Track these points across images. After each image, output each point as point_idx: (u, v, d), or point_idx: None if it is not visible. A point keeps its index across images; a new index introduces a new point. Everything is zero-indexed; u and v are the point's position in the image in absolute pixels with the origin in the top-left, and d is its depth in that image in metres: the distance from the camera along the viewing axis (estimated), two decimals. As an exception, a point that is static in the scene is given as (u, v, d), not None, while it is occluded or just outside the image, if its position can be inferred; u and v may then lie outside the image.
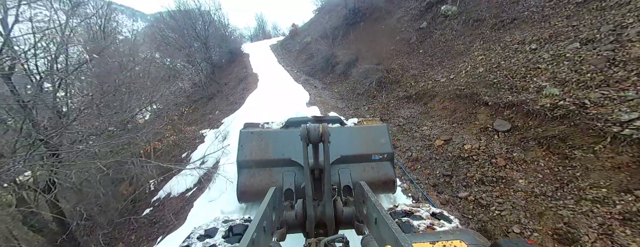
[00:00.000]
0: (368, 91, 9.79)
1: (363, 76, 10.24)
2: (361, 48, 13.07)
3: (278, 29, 50.30)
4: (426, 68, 8.64)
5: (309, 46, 20.15)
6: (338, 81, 13.06)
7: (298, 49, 22.33)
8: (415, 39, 10.98)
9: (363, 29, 15.34)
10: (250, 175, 2.67)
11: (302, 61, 19.18)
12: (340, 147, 2.59)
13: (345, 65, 12.73)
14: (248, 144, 2.75)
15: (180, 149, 9.11)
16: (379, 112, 8.18)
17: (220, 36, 27.00)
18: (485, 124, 5.00)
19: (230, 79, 19.81)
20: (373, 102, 9.13)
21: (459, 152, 4.78)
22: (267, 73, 16.46)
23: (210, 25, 17.51)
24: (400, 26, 12.74)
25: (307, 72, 16.55)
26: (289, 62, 20.80)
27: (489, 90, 5.59)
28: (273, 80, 14.19)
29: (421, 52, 9.74)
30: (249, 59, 22.65)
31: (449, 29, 9.47)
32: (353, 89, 11.04)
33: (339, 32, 16.81)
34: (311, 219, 1.66)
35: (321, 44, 15.62)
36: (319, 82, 14.31)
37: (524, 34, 6.59)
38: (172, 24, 18.01)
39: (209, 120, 13.44)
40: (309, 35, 23.34)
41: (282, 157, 2.64)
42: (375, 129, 2.87)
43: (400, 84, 8.88)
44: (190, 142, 10.58)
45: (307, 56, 18.98)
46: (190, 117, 16.63)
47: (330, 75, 14.24)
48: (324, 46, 15.37)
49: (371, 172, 2.67)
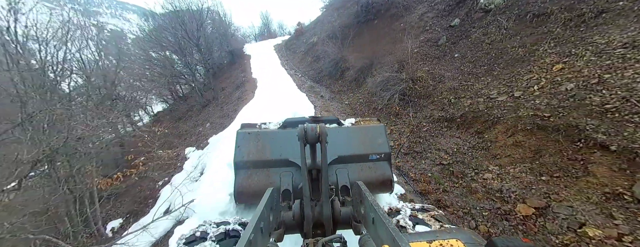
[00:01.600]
0: (388, 106, 7.74)
1: (381, 86, 8.20)
2: (377, 51, 11.01)
3: (284, 28, 48.42)
4: (469, 78, 6.54)
5: (315, 47, 18.16)
6: (349, 90, 11.03)
7: (303, 50, 20.37)
8: (445, 39, 8.87)
9: (378, 28, 13.26)
10: (248, 176, 2.64)
11: (308, 64, 17.21)
12: (338, 147, 2.59)
13: (358, 72, 10.69)
14: (245, 144, 2.73)
15: (154, 185, 7.24)
16: (408, 139, 6.14)
17: (220, 35, 25.29)
18: (612, 185, 2.93)
19: (228, 84, 18.00)
20: (396, 122, 7.08)
21: (576, 240, 2.72)
22: (268, 78, 14.57)
23: (202, 26, 15.62)
24: (423, 24, 10.64)
25: (312, 77, 14.58)
26: (293, 64, 18.87)
27: (600, 122, 3.50)
28: (273, 88, 12.28)
29: (457, 57, 7.63)
30: (250, 61, 20.82)
31: (495, 27, 7.34)
32: (368, 101, 9.00)
33: (350, 32, 14.77)
34: (309, 219, 1.65)
35: (329, 45, 13.62)
36: (326, 90, 12.31)
37: (629, 33, 4.47)
38: (164, 25, 16.27)
39: (198, 134, 11.62)
40: (315, 34, 21.35)
41: (280, 158, 2.62)
42: (373, 129, 2.89)
43: (433, 99, 6.80)
44: (173, 166, 8.76)
45: (313, 58, 17.00)
46: (182, 127, 14.90)
47: (340, 82, 12.22)
48: (332, 48, 13.36)
49: (368, 172, 2.66)
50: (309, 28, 25.36)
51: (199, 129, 12.22)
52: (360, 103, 9.23)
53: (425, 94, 7.08)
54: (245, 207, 3.54)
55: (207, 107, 15.75)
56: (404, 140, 6.12)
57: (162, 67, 16.87)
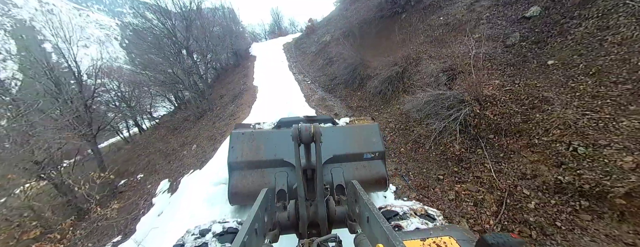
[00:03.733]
0: (441, 144, 5.01)
1: (428, 110, 5.47)
2: (409, 54, 8.23)
3: (295, 25, 45.87)
4: (602, 106, 3.70)
5: (327, 47, 15.51)
6: (372, 106, 8.34)
7: (314, 50, 17.75)
8: (519, 37, 6.01)
9: (408, 24, 10.42)
10: (242, 176, 2.60)
11: (319, 68, 14.59)
12: (332, 147, 2.55)
13: (385, 83, 7.97)
14: (239, 145, 2.69)
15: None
16: (500, 226, 3.41)
17: (224, 35, 23.13)
18: None
19: (228, 90, 15.74)
20: (461, 177, 4.34)
21: None
22: (271, 86, 12.12)
23: (192, 24, 13.20)
24: (476, 17, 7.75)
25: (324, 85, 11.97)
26: (302, 67, 16.31)
27: None
28: (275, 100, 9.79)
29: (554, 66, 4.77)
30: (254, 63, 18.47)
31: (625, 15, 4.43)
32: (403, 127, 6.29)
33: (370, 30, 11.99)
34: (304, 219, 1.65)
35: (345, 45, 10.94)
36: (341, 103, 9.67)
37: None
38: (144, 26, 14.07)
39: (182, 159, 9.35)
40: (328, 32, 18.66)
41: (274, 158, 2.59)
42: (367, 128, 2.85)
43: (532, 139, 4.00)
44: (135, 209, 6.50)
45: (326, 61, 14.36)
46: (172, 143, 12.78)
47: (359, 93, 9.54)
48: (349, 49, 10.67)
49: (363, 170, 2.63)
50: (321, 25, 22.68)
51: (183, 153, 9.97)
52: (392, 130, 6.52)
53: (509, 129, 4.30)
54: (240, 208, 3.29)
55: (201, 119, 13.57)
56: (491, 223, 3.37)
57: (155, 71, 14.80)
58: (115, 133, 22.61)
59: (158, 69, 12.49)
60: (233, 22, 34.70)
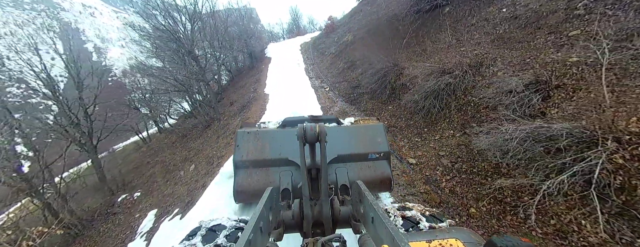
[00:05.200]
0: (553, 213, 2.99)
1: (515, 152, 3.45)
2: (461, 59, 6.15)
3: (314, 23, 44.11)
4: None
5: (349, 48, 13.61)
6: (410, 127, 6.36)
7: (333, 51, 15.90)
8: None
9: (452, 19, 8.27)
10: (247, 175, 2.60)
11: (339, 71, 12.73)
12: (337, 147, 2.53)
13: (430, 97, 5.97)
14: (245, 144, 2.68)
15: None
16: None
17: (239, 35, 21.92)
18: None
19: (239, 96, 14.32)
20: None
21: None
22: (284, 94, 10.46)
23: (203, 24, 11.79)
24: (566, 5, 5.54)
25: (345, 94, 10.09)
26: (321, 71, 14.52)
27: None
28: (287, 112, 8.09)
29: None
30: (268, 66, 16.95)
31: None
32: (468, 171, 4.29)
33: (405, 27, 9.91)
34: (308, 218, 1.64)
35: (372, 47, 9.00)
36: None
37: None
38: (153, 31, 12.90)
39: (177, 182, 7.93)
40: (350, 31, 16.70)
41: (279, 157, 2.58)
42: (372, 128, 2.82)
43: None
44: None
45: (347, 64, 12.47)
46: (177, 155, 11.54)
47: (390, 107, 7.58)
48: (376, 51, 8.72)
49: (368, 171, 2.60)
50: (342, 23, 20.73)
51: (180, 173, 8.57)
52: (448, 170, 4.52)
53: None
54: (244, 206, 3.41)
55: (209, 129, 12.26)
56: None
57: (159, 78, 13.70)
58: (135, 134, 22.31)
59: (163, 76, 11.25)
60: (251, 21, 33.65)
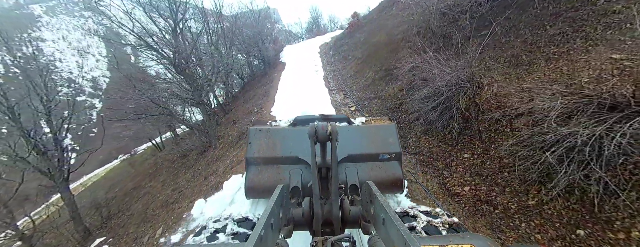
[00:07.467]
0: None
1: None
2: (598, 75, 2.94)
3: (335, 22, 40.92)
4: None
5: (383, 51, 10.54)
6: (531, 210, 3.28)
7: (360, 56, 12.90)
8: None
9: (570, 6, 4.96)
10: (258, 172, 2.64)
11: (369, 83, 9.73)
12: (348, 146, 2.52)
13: (574, 152, 2.83)
14: (256, 141, 2.72)
15: None
16: None
17: (251, 37, 19.60)
18: None
19: (243, 113, 11.85)
20: None
21: None
22: (296, 113, 7.72)
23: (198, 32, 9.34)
24: None
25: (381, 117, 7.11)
26: (344, 81, 11.61)
27: None
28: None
29: None
30: (281, 74, 14.29)
31: None
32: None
33: (476, 21, 6.67)
34: (318, 217, 1.65)
35: (417, 50, 5.93)
36: (429, 179, 4.73)
37: None
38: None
39: (161, 228, 5.50)
40: (382, 28, 13.56)
41: (290, 155, 2.59)
42: (384, 129, 2.80)
43: None
44: None
45: (380, 74, 9.43)
46: (172, 183, 9.34)
47: (466, 155, 4.50)
48: (428, 59, 5.63)
49: (379, 171, 2.59)
50: (369, 19, 17.57)
51: (165, 214, 6.18)
52: None
53: None
54: (254, 202, 3.41)
55: (204, 155, 9.94)
56: None
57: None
58: (149, 140, 21.10)
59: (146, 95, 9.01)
60: (268, 21, 31.38)
